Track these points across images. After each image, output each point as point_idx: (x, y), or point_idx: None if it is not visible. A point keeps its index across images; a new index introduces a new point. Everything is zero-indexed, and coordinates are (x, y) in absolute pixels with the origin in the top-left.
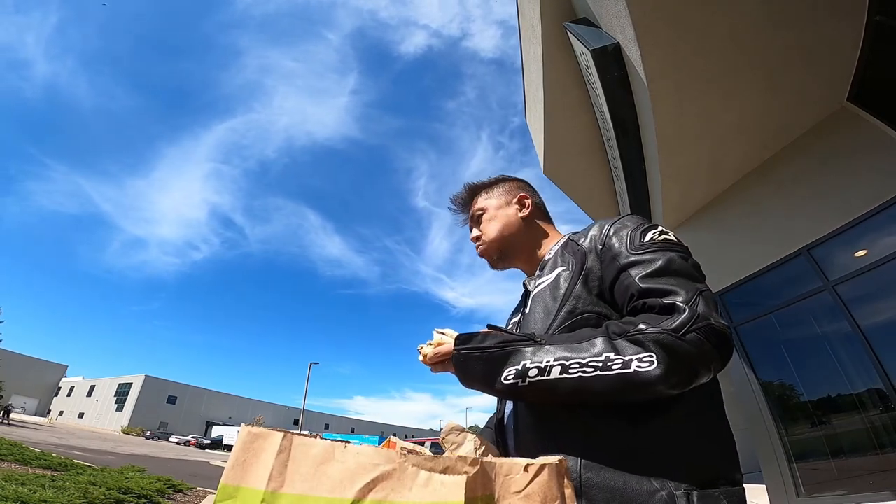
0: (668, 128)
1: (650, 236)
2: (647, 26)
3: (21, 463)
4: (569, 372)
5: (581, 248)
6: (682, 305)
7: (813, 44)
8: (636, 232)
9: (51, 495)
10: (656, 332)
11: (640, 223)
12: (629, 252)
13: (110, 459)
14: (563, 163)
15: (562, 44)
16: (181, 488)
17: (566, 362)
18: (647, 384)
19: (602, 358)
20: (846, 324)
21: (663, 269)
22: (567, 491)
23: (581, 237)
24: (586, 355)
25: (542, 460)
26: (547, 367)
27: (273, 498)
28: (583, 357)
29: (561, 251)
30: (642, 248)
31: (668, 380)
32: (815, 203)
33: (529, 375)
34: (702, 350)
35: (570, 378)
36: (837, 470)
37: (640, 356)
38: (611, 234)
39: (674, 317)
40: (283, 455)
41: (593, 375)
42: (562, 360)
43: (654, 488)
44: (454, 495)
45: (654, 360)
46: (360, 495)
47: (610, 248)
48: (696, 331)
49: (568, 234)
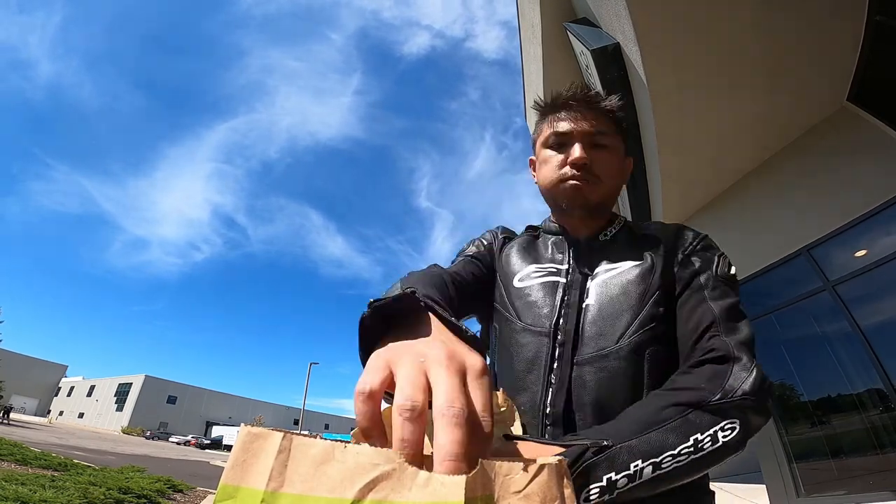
0: (668, 128)
1: (733, 271)
2: (647, 26)
3: (21, 463)
4: (661, 468)
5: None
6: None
7: (813, 44)
8: (723, 259)
9: (51, 495)
10: (739, 400)
11: (722, 252)
12: (716, 277)
13: (110, 459)
14: None
15: (562, 44)
16: (181, 488)
17: (656, 460)
18: (730, 452)
19: (691, 442)
20: (846, 324)
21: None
22: (567, 491)
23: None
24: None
25: (542, 460)
26: (636, 471)
27: (273, 498)
28: (671, 447)
29: (627, 239)
30: (727, 279)
31: (744, 444)
32: (815, 203)
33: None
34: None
35: (664, 471)
36: (837, 470)
37: (723, 425)
38: (699, 248)
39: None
40: (282, 455)
41: (687, 462)
42: (651, 460)
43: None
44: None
45: (737, 427)
46: (359, 495)
47: (694, 264)
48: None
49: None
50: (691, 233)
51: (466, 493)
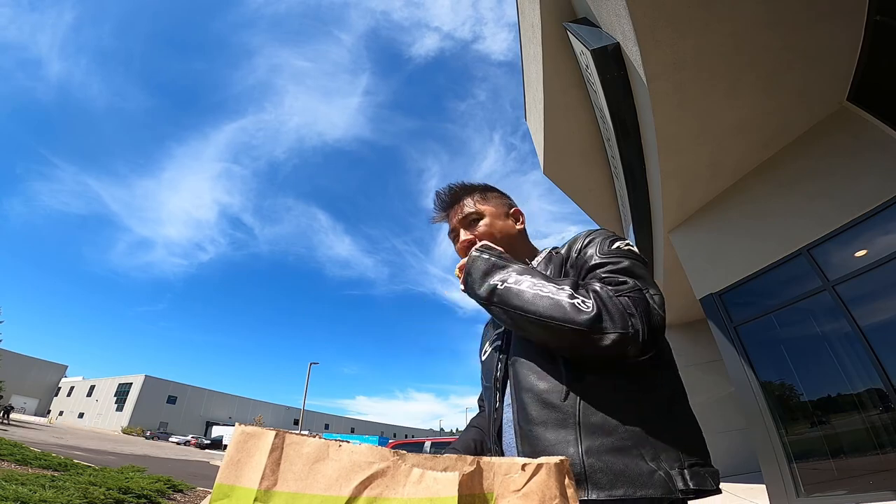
0: (668, 128)
1: (617, 245)
2: (647, 26)
3: (21, 463)
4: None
5: (560, 255)
6: (632, 282)
7: (813, 44)
8: (605, 241)
9: (51, 495)
10: (599, 287)
11: (609, 235)
12: (598, 255)
13: (110, 459)
14: (563, 163)
15: (562, 44)
16: (181, 488)
17: (535, 282)
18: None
19: (559, 287)
20: (846, 324)
21: (625, 269)
22: (569, 491)
23: (562, 248)
24: (551, 284)
25: (541, 460)
26: (521, 280)
27: (266, 497)
28: (548, 284)
29: (545, 261)
30: (609, 253)
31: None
32: (815, 203)
33: (508, 281)
34: (627, 311)
35: (529, 292)
36: (837, 470)
37: (584, 299)
38: (585, 244)
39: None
40: (275, 454)
41: (545, 295)
42: (534, 281)
43: (651, 468)
44: (447, 491)
45: (591, 306)
46: (355, 493)
47: (583, 255)
48: (629, 296)
49: (550, 248)
50: (583, 235)
51: (461, 489)
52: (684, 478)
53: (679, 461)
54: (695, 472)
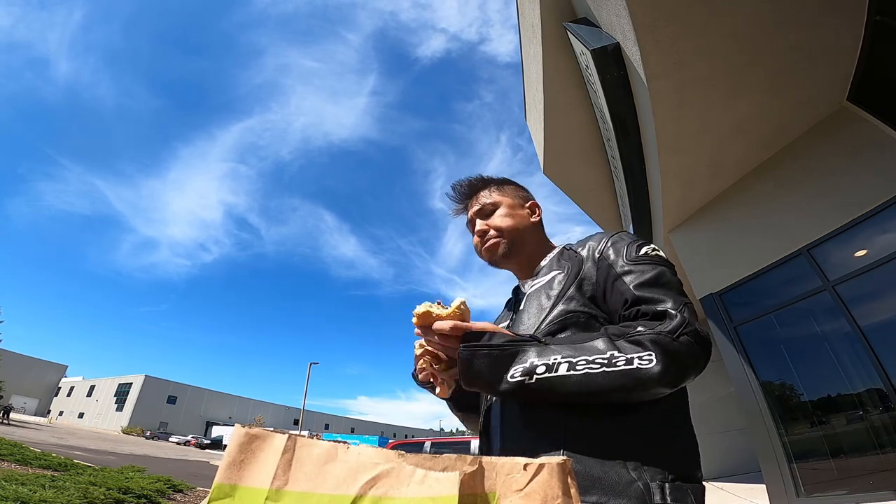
0: (668, 128)
1: (644, 251)
2: (647, 26)
3: (21, 463)
4: (576, 368)
5: (579, 255)
6: (674, 312)
7: (813, 44)
8: (632, 245)
9: (51, 495)
10: (654, 334)
11: (635, 238)
12: (625, 262)
13: (110, 459)
14: (563, 163)
15: (562, 44)
16: (181, 488)
17: (573, 360)
18: (649, 380)
19: (607, 355)
20: (846, 324)
21: (655, 280)
22: (572, 491)
23: (579, 247)
24: (592, 353)
25: (543, 459)
26: (555, 364)
27: (277, 495)
28: (589, 355)
29: (557, 258)
30: (637, 259)
31: (666, 376)
32: (815, 203)
33: (537, 373)
34: (691, 351)
35: (578, 374)
36: (837, 470)
37: (641, 354)
38: (608, 245)
39: (666, 322)
40: (287, 455)
41: (599, 372)
42: (569, 358)
43: (630, 478)
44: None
45: (654, 358)
46: (361, 491)
47: (607, 258)
48: (687, 334)
49: (563, 245)
50: (606, 235)
51: (462, 489)
52: (664, 492)
53: (663, 474)
54: (676, 486)
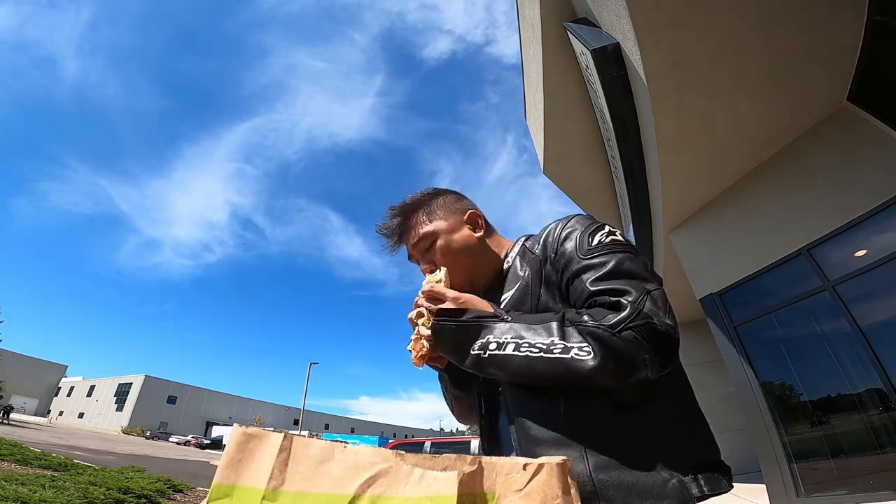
0: (668, 128)
1: (598, 239)
2: (647, 26)
3: (21, 463)
4: (519, 350)
5: (536, 256)
6: (626, 303)
7: (813, 44)
8: (584, 235)
9: (51, 495)
10: (594, 326)
11: (588, 225)
12: (580, 258)
13: (110, 459)
14: (563, 163)
15: (562, 44)
16: (181, 488)
17: (520, 341)
18: (582, 373)
19: (548, 342)
20: (846, 324)
21: (613, 270)
22: (572, 490)
23: (535, 244)
24: (538, 337)
25: (542, 460)
26: (504, 343)
27: (274, 495)
28: (534, 339)
29: (519, 261)
30: (591, 251)
31: (602, 372)
32: (815, 203)
33: (489, 349)
34: (635, 347)
35: (519, 356)
36: (837, 470)
37: (581, 346)
38: (562, 239)
39: (615, 314)
40: (283, 454)
41: (537, 356)
42: (517, 339)
43: (664, 478)
44: (447, 490)
45: (591, 352)
46: (359, 491)
47: (563, 255)
48: (632, 328)
49: (522, 239)
50: (560, 224)
51: (462, 488)
52: (699, 483)
53: (692, 466)
54: (709, 477)
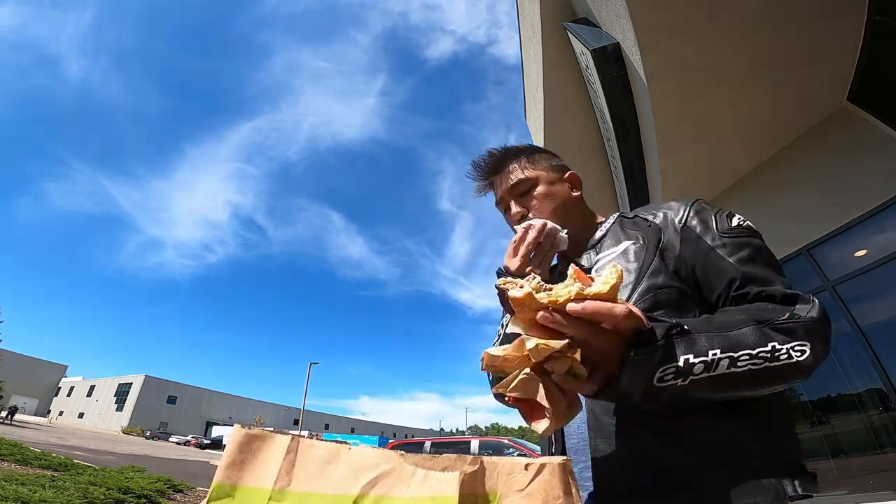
0: (668, 128)
1: (737, 221)
2: (647, 26)
3: (21, 463)
4: (737, 365)
5: (653, 224)
6: (807, 296)
7: (813, 44)
8: (721, 215)
9: (51, 495)
10: (807, 321)
11: (722, 208)
12: (718, 234)
13: (110, 459)
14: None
15: (562, 44)
16: (181, 488)
17: (734, 354)
18: (803, 372)
19: (769, 348)
20: (846, 324)
21: (756, 256)
22: (573, 490)
23: (649, 215)
24: (753, 346)
25: (544, 459)
26: (714, 360)
27: (281, 495)
28: (751, 348)
29: (619, 227)
30: (731, 231)
31: (814, 367)
32: (815, 203)
33: (693, 373)
34: (829, 338)
35: (739, 371)
36: (837, 470)
37: (793, 345)
38: (692, 215)
39: (807, 306)
40: (290, 456)
41: (762, 367)
42: (729, 353)
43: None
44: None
45: (806, 349)
46: (363, 491)
47: (693, 228)
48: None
49: (618, 214)
50: (684, 203)
51: (464, 489)
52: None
53: (787, 466)
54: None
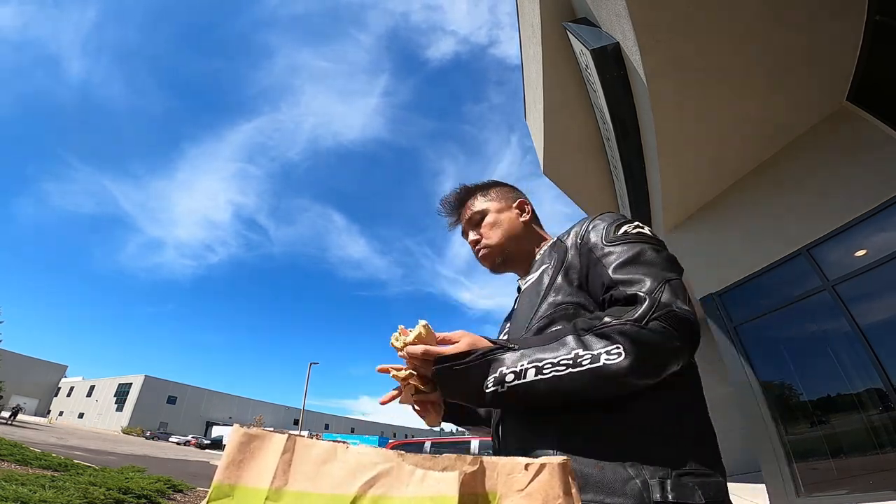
0: (668, 128)
1: (624, 229)
2: (647, 26)
3: (21, 463)
4: (543, 373)
5: (564, 244)
6: (643, 295)
7: (813, 44)
8: (611, 226)
9: (51, 495)
10: (620, 324)
11: (617, 218)
12: (604, 244)
13: (110, 459)
14: (563, 162)
15: (562, 44)
16: (181, 488)
17: (539, 364)
18: (618, 376)
19: (572, 355)
20: (846, 324)
21: (633, 259)
22: (573, 490)
23: (565, 235)
24: (558, 354)
25: (544, 459)
26: (522, 370)
27: (277, 495)
28: (555, 356)
29: (548, 251)
30: (615, 240)
31: (638, 370)
32: (815, 203)
33: (507, 381)
34: (665, 337)
35: (545, 378)
36: (837, 470)
37: (608, 349)
38: (589, 230)
39: (636, 307)
40: (287, 455)
41: (565, 373)
42: (535, 363)
43: (628, 475)
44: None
45: (622, 352)
46: (361, 491)
47: (587, 242)
48: (657, 318)
49: (558, 235)
50: (588, 218)
51: (463, 488)
52: (664, 488)
53: (665, 470)
54: (680, 483)
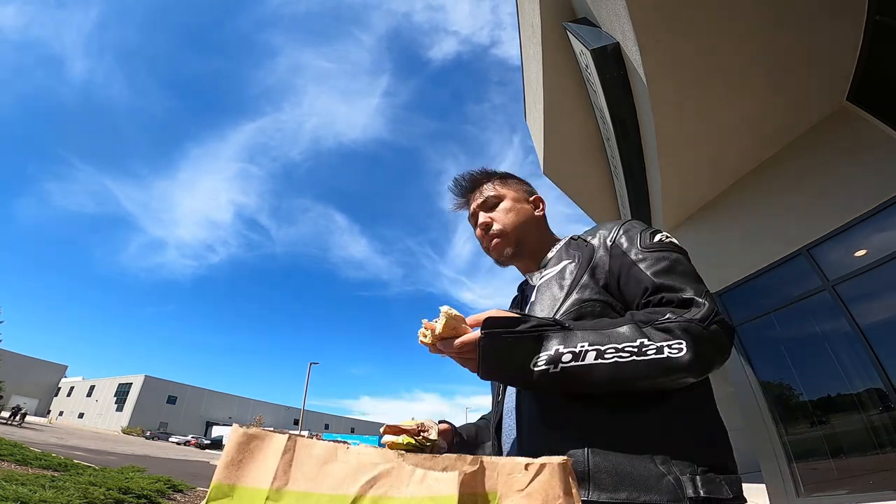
0: (668, 128)
1: (658, 238)
2: (647, 26)
3: (21, 463)
4: (604, 357)
5: (589, 244)
6: (700, 300)
7: (813, 44)
8: (645, 233)
9: (51, 495)
10: (685, 322)
11: (648, 226)
12: (640, 249)
13: (110, 459)
14: (563, 163)
15: (562, 44)
16: (181, 488)
17: (601, 347)
18: (678, 369)
19: (637, 343)
20: (846, 324)
21: (672, 267)
22: (573, 490)
23: (588, 236)
24: (621, 341)
25: (544, 460)
26: (582, 351)
27: (278, 496)
28: (618, 343)
29: (565, 248)
30: (651, 247)
31: (695, 365)
32: (815, 203)
33: (563, 361)
34: (720, 339)
35: (606, 363)
36: (837, 470)
37: (670, 343)
38: (620, 234)
39: (695, 309)
40: (287, 455)
41: (628, 360)
42: (596, 345)
43: (661, 472)
44: (448, 490)
45: (683, 347)
46: (361, 491)
47: (620, 245)
48: (716, 322)
49: (568, 236)
50: (617, 223)
51: (463, 488)
52: (695, 484)
53: (693, 466)
54: (709, 478)
